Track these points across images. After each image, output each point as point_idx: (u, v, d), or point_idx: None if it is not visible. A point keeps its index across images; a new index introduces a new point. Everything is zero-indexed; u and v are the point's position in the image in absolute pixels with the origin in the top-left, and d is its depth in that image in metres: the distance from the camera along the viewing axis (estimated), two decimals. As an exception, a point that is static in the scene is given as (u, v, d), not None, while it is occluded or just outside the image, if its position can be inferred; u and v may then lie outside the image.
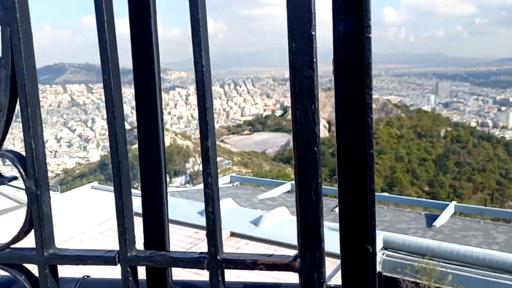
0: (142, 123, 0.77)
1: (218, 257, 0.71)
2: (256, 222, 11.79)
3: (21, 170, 0.75)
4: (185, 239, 11.16)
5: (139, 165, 0.78)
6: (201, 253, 0.74)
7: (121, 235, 0.74)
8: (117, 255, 0.75)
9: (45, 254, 0.77)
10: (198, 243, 10.67)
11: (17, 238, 0.77)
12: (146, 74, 0.76)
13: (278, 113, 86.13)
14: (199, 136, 0.75)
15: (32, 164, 0.75)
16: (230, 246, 10.87)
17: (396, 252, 11.03)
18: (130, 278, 0.75)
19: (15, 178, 0.79)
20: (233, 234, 11.52)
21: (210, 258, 0.72)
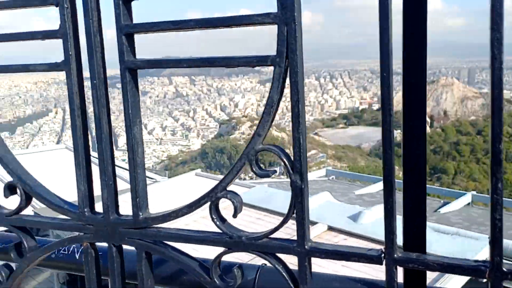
0: (408, 125, 0.75)
1: (504, 269, 0.67)
2: (354, 218, 11.43)
3: (287, 164, 0.78)
4: (282, 229, 11.33)
5: (402, 166, 0.76)
6: (476, 261, 0.70)
7: (388, 234, 0.74)
8: (382, 254, 0.74)
9: (306, 247, 0.79)
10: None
11: (276, 229, 0.81)
12: (416, 76, 0.74)
13: (375, 106, 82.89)
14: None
15: (299, 159, 0.77)
16: (328, 240, 10.73)
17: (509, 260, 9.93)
18: (395, 279, 0.74)
19: (275, 171, 0.82)
20: (330, 228, 11.35)
21: (492, 268, 0.68)
